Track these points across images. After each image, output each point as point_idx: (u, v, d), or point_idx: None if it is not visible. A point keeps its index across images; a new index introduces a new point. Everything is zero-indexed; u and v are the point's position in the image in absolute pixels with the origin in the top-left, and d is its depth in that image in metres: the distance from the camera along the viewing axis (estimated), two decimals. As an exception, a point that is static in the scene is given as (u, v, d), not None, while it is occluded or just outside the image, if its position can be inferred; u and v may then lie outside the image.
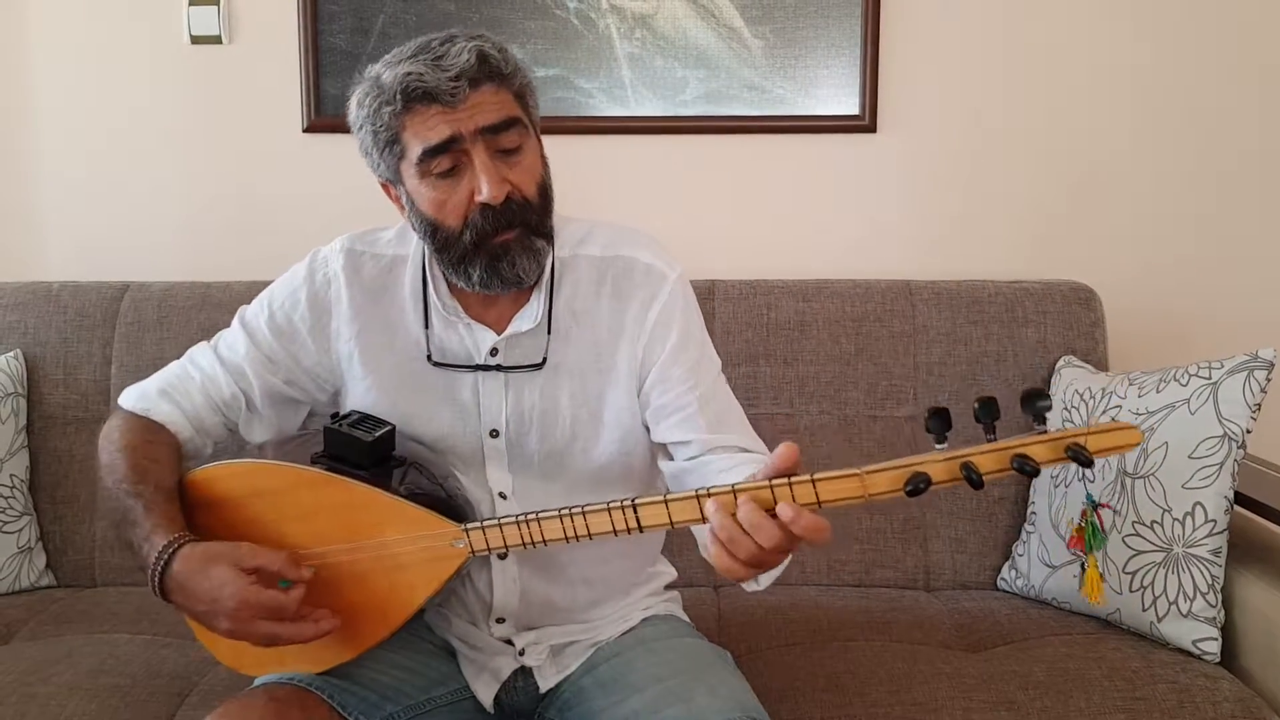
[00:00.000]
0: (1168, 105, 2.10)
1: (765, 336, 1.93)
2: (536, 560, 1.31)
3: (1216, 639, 1.54)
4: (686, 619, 1.47)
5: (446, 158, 1.18)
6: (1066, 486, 1.72)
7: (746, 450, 1.29)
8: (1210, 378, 1.58)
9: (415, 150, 1.19)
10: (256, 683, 1.26)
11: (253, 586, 1.11)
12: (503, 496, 1.31)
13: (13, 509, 1.85)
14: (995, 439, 0.96)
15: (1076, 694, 1.46)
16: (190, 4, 2.11)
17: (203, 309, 1.94)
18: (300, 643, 1.14)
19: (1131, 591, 1.60)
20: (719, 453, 1.27)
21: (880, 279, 1.99)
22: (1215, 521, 1.54)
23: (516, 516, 1.13)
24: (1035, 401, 0.93)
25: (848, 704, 1.46)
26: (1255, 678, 1.52)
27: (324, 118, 2.13)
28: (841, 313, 1.94)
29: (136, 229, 2.18)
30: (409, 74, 1.16)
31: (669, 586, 1.50)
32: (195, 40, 2.13)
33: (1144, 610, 1.58)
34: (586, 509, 1.10)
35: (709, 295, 1.94)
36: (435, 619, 1.38)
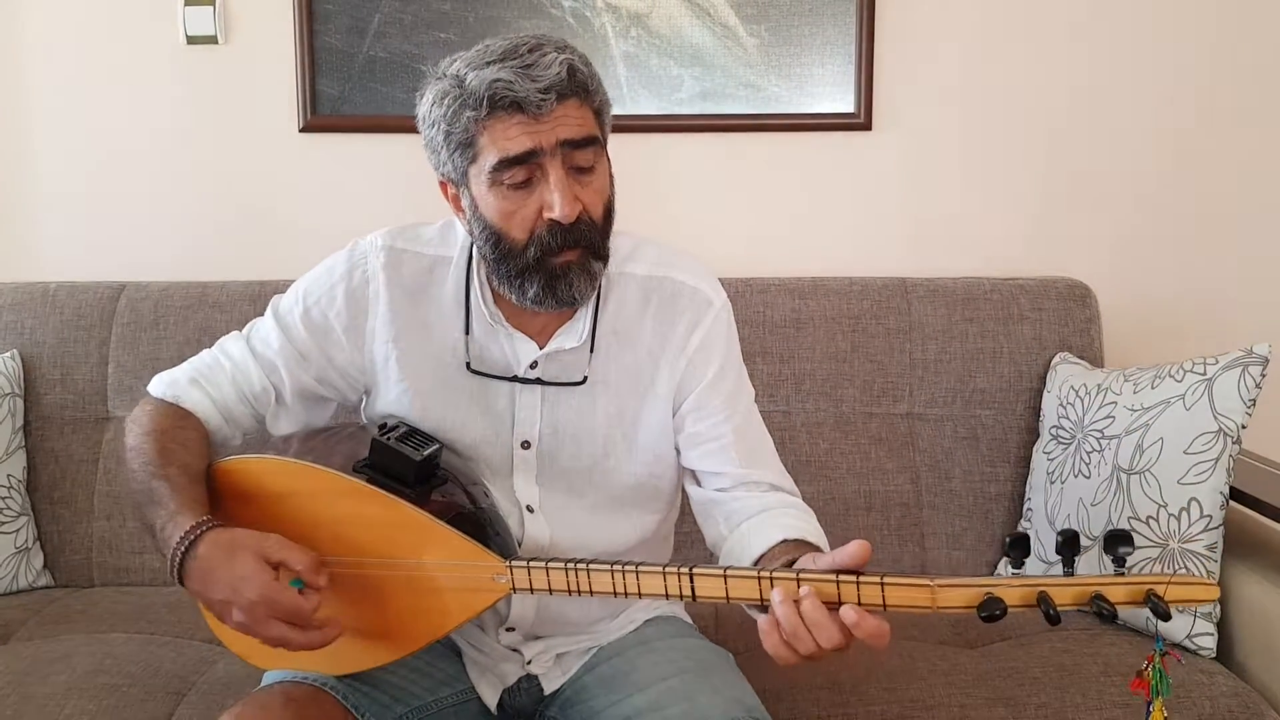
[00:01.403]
0: (1164, 102, 2.10)
1: (761, 334, 1.93)
2: None
3: (1212, 634, 1.55)
4: (689, 619, 1.46)
5: (522, 170, 1.14)
6: (1062, 483, 1.72)
7: (778, 488, 1.29)
8: (1205, 374, 1.59)
9: (491, 158, 1.14)
10: (268, 679, 1.26)
11: (275, 584, 1.08)
12: (530, 510, 1.29)
13: (10, 509, 1.85)
14: (1073, 573, 0.95)
15: (1073, 690, 1.47)
16: (186, 4, 2.10)
17: (199, 309, 1.94)
18: (306, 650, 1.11)
19: (1127, 587, 1.60)
20: (751, 489, 1.27)
21: (876, 276, 2.00)
22: (1211, 517, 1.55)
23: (565, 563, 1.10)
24: (1118, 546, 0.95)
25: (845, 702, 1.46)
26: (1251, 672, 1.53)
27: (320, 117, 2.13)
28: (837, 310, 1.94)
29: (133, 229, 2.18)
30: (497, 80, 1.12)
31: None
32: (191, 40, 2.12)
33: (1140, 606, 1.58)
34: (640, 568, 1.07)
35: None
36: None
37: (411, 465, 1.19)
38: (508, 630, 1.34)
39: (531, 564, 1.11)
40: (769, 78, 2.10)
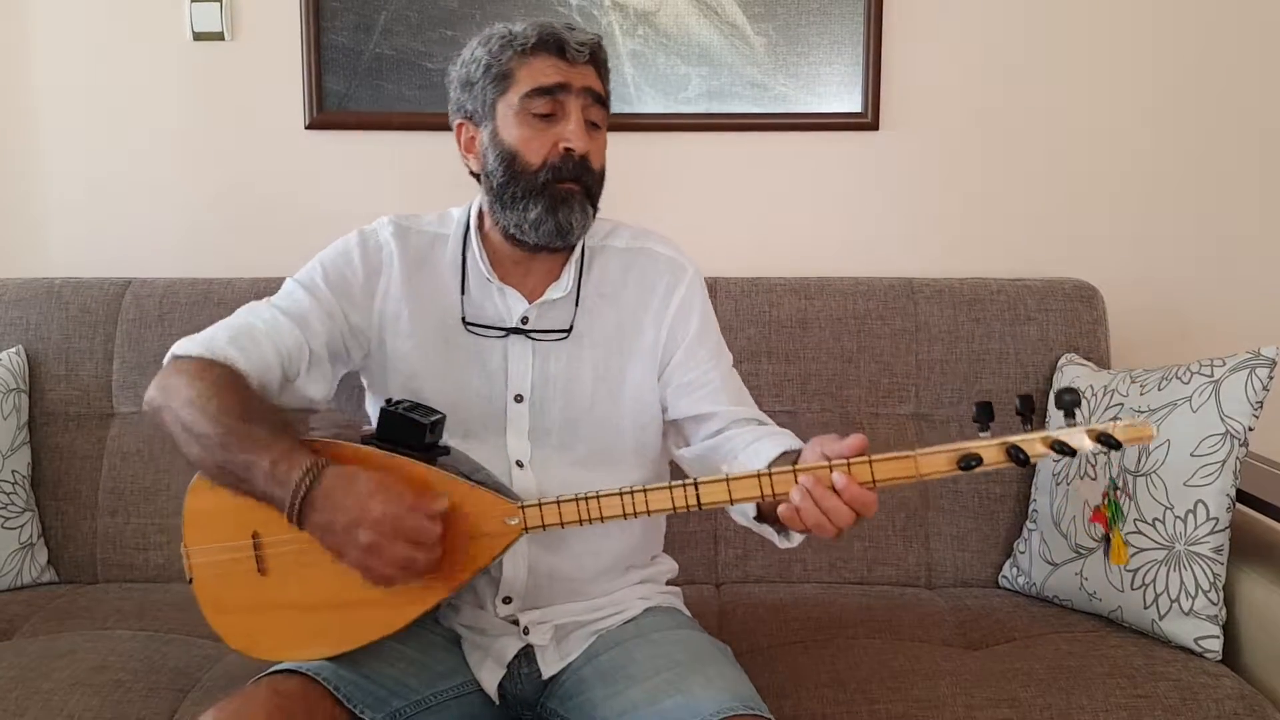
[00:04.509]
0: (1170, 102, 2.10)
1: (767, 334, 1.93)
2: (545, 537, 1.32)
3: (1218, 637, 1.54)
4: (688, 613, 1.47)
5: (548, 101, 1.32)
6: (1068, 484, 1.72)
7: (764, 424, 1.40)
8: (1212, 375, 1.58)
9: (524, 87, 1.32)
10: (260, 676, 1.26)
11: (402, 504, 1.13)
12: (520, 465, 1.36)
13: (14, 505, 1.85)
14: (1031, 428, 1.10)
15: (1078, 691, 1.46)
16: (193, 0, 2.11)
17: (205, 305, 1.94)
18: (428, 573, 1.16)
19: (1133, 589, 1.60)
20: (741, 425, 1.38)
21: (882, 276, 1.99)
22: (1217, 519, 1.54)
23: (576, 495, 1.19)
24: (1065, 396, 1.09)
25: (849, 701, 1.46)
26: (1257, 675, 1.52)
27: (326, 114, 2.13)
28: (843, 310, 1.94)
29: (138, 225, 2.18)
30: (547, 24, 1.33)
31: (671, 582, 1.52)
32: (198, 37, 2.13)
33: (1145, 608, 1.58)
34: (648, 489, 1.17)
35: (711, 292, 1.90)
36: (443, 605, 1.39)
37: (422, 430, 1.25)
38: (505, 601, 1.36)
39: (543, 502, 1.20)
40: (776, 77, 2.10)
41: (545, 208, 1.32)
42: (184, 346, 1.31)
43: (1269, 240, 2.12)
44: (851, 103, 2.10)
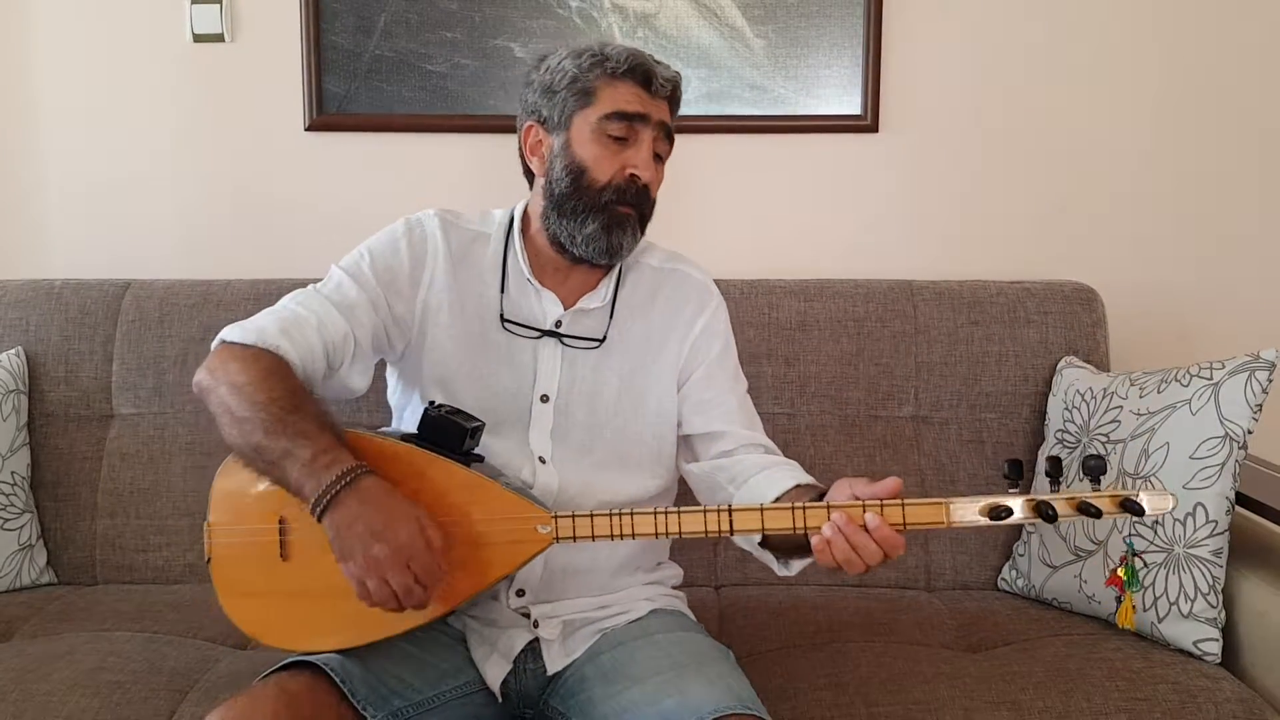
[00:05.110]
0: (1170, 105, 2.10)
1: (767, 336, 1.93)
2: None
3: (1217, 640, 1.54)
4: (692, 617, 1.49)
5: (625, 127, 1.37)
6: (1067, 487, 1.72)
7: (772, 452, 1.45)
8: (1211, 378, 1.58)
9: (605, 108, 1.37)
10: (267, 673, 1.26)
11: (423, 538, 1.16)
12: (542, 461, 1.40)
13: (14, 506, 1.85)
14: (1059, 490, 1.17)
15: (1078, 694, 1.46)
16: (193, 2, 2.11)
17: (204, 307, 1.94)
18: (415, 608, 1.18)
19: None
20: (750, 450, 1.44)
21: (882, 279, 2.00)
22: (1216, 522, 1.54)
23: (610, 510, 1.22)
24: (1090, 463, 1.17)
25: (849, 703, 1.46)
26: (1256, 678, 1.52)
27: (326, 116, 2.13)
28: (843, 312, 1.94)
29: (138, 227, 2.18)
30: (636, 54, 1.39)
31: (676, 587, 1.54)
32: (198, 38, 2.13)
33: (1145, 610, 1.58)
34: (682, 510, 1.21)
35: (710, 294, 1.93)
36: None
37: (463, 433, 1.28)
38: (518, 594, 1.38)
39: (577, 514, 1.23)
40: (776, 79, 2.10)
41: (601, 225, 1.37)
42: (234, 333, 1.33)
43: (1268, 243, 2.12)
44: (851, 105, 2.10)
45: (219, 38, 2.13)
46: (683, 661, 1.28)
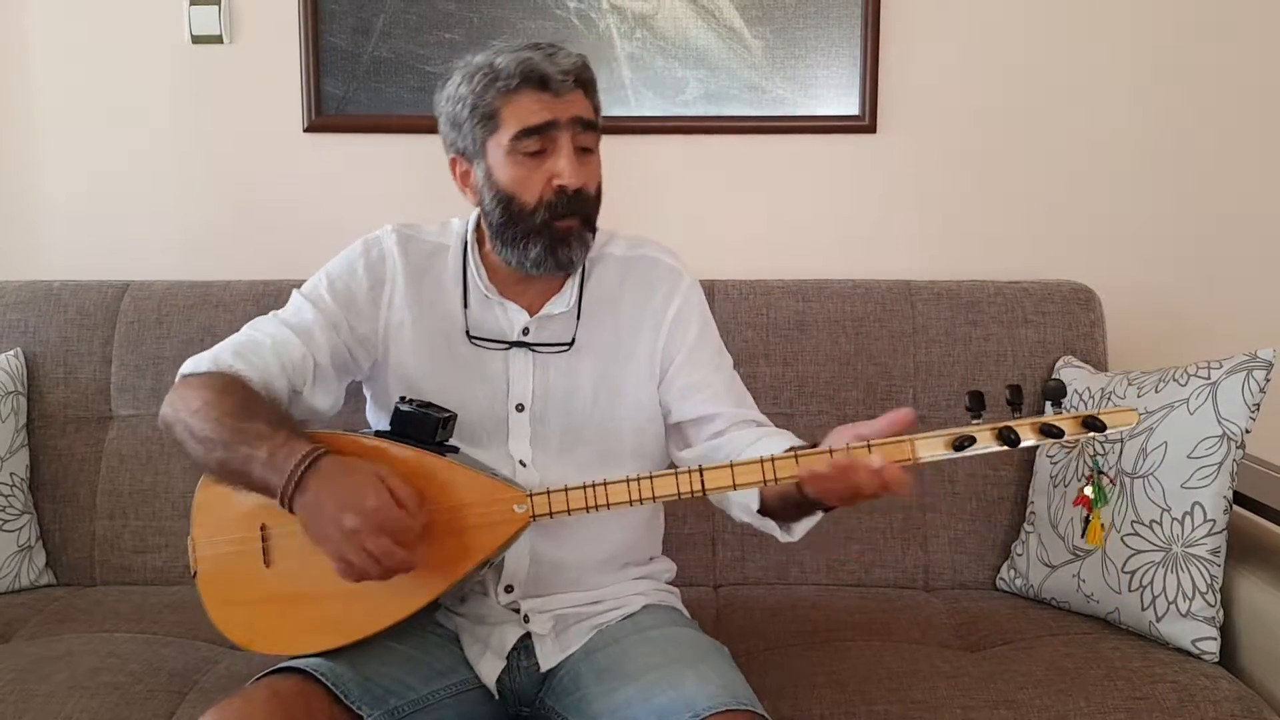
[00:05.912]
0: (1168, 105, 2.10)
1: (764, 336, 1.93)
2: (547, 527, 1.34)
3: (1215, 639, 1.54)
4: (686, 612, 1.49)
5: (537, 140, 1.32)
6: (1065, 486, 1.72)
7: (764, 425, 1.43)
8: (1209, 378, 1.58)
9: (511, 129, 1.31)
10: (259, 676, 1.26)
11: (390, 499, 1.15)
12: (523, 464, 1.39)
13: (13, 507, 1.85)
14: (1021, 415, 1.17)
15: (1076, 693, 1.46)
16: (191, 3, 2.11)
17: (203, 308, 1.94)
18: (401, 572, 1.16)
19: (1130, 591, 1.60)
20: (743, 426, 1.42)
21: (880, 279, 2.00)
22: (1214, 521, 1.54)
23: (583, 483, 1.23)
24: (1050, 384, 1.20)
25: (847, 702, 1.46)
26: (1254, 677, 1.53)
27: (324, 117, 2.13)
28: (841, 313, 1.94)
29: (137, 228, 2.18)
30: (528, 59, 1.31)
31: (669, 583, 1.54)
32: (196, 40, 2.13)
33: (1143, 610, 1.59)
34: (654, 475, 1.22)
35: (708, 295, 1.89)
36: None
37: (434, 424, 1.28)
38: (506, 590, 1.38)
39: (552, 490, 1.24)
40: (773, 80, 2.10)
41: (545, 247, 1.34)
42: (191, 365, 1.35)
43: (1266, 243, 2.12)
44: (849, 105, 2.10)
45: (218, 39, 2.13)
46: (677, 657, 1.28)
